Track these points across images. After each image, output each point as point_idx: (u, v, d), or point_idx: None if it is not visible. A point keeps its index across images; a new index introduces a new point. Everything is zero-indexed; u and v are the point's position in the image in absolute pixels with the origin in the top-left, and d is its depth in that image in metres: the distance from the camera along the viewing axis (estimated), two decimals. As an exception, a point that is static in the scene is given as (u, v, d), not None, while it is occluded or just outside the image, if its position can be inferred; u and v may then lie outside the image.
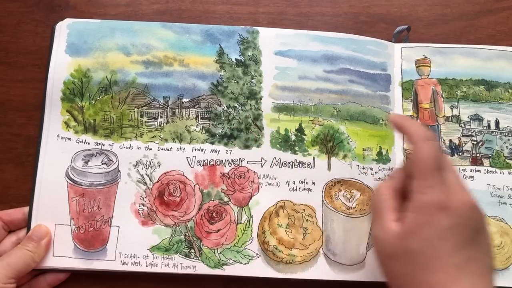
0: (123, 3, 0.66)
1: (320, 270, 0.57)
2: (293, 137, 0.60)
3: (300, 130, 0.60)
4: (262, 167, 0.59)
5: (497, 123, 0.63)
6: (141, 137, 0.59)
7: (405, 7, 0.67)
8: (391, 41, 0.65)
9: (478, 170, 0.61)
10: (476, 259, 0.42)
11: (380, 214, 0.46)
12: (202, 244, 0.58)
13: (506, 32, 0.66)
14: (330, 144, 0.60)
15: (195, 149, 0.59)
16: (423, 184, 0.43)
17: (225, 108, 0.60)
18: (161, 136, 0.59)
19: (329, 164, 0.60)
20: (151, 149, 0.59)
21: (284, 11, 0.66)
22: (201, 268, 0.57)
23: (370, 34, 0.64)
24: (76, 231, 0.57)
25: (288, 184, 0.59)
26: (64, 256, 0.56)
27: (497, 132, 0.62)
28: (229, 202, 0.58)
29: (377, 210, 0.47)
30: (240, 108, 0.60)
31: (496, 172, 0.61)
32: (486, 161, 0.61)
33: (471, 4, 0.67)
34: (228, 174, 0.59)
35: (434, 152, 0.44)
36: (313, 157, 0.60)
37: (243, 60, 0.61)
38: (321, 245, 0.58)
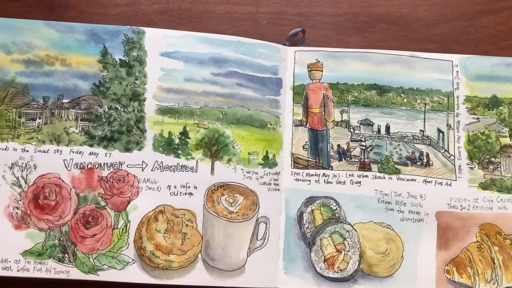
0: (123, 3, 0.67)
1: (198, 276, 0.58)
2: (176, 140, 0.61)
3: (184, 133, 0.61)
4: (143, 170, 0.60)
5: (387, 128, 0.64)
6: (18, 138, 0.60)
7: (405, 7, 0.69)
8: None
9: (366, 176, 0.62)
10: None
11: None
12: (77, 249, 0.58)
13: (506, 32, 0.68)
14: (215, 148, 0.61)
15: (73, 152, 0.60)
16: None
17: (106, 110, 0.61)
18: (39, 138, 0.60)
19: (212, 168, 0.61)
20: (27, 151, 0.59)
21: (284, 11, 0.68)
22: (75, 273, 0.57)
23: (370, 34, 0.66)
24: None
25: (169, 189, 0.60)
26: None
27: (387, 137, 0.64)
28: (106, 206, 0.59)
29: None
30: (122, 109, 0.61)
31: (384, 177, 0.62)
32: (374, 167, 0.63)
33: (471, 4, 0.69)
34: (106, 178, 0.59)
35: None
36: (197, 160, 0.61)
37: (127, 61, 0.62)
38: (200, 251, 0.59)
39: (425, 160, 0.63)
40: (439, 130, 0.64)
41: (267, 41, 0.65)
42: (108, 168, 0.60)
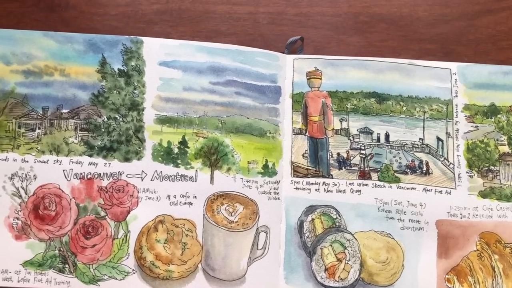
0: (123, 3, 0.68)
1: (198, 286, 0.59)
2: (175, 150, 0.62)
3: (183, 143, 0.62)
4: (142, 180, 0.61)
5: (387, 136, 0.65)
6: (18, 148, 0.61)
7: (405, 7, 0.70)
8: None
9: (366, 184, 0.63)
10: None
11: None
12: (77, 260, 0.59)
13: (506, 32, 0.69)
14: (214, 157, 0.62)
15: (72, 162, 0.61)
16: None
17: (105, 120, 0.62)
18: (38, 148, 0.61)
19: (212, 177, 0.62)
20: (27, 161, 0.60)
21: (284, 11, 0.69)
22: (75, 284, 0.58)
23: (370, 34, 0.67)
24: None
25: (169, 198, 0.61)
26: None
27: (387, 145, 0.65)
28: (106, 216, 0.60)
29: None
30: (121, 119, 0.62)
31: (384, 186, 0.63)
32: (374, 175, 0.64)
33: (471, 4, 0.70)
34: (106, 188, 0.60)
35: None
36: (196, 170, 0.62)
37: (126, 70, 0.63)
38: (200, 261, 0.60)
39: (424, 168, 0.64)
40: (438, 138, 0.65)
41: (267, 41, 0.67)
42: (108, 178, 0.61)
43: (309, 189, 0.63)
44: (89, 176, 0.60)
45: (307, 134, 0.65)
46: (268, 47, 0.66)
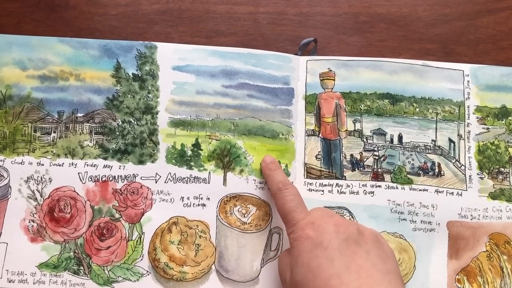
0: (123, 3, 0.71)
1: (212, 287, 0.62)
2: (189, 152, 0.66)
3: (196, 145, 0.66)
4: (156, 182, 0.65)
5: (400, 137, 0.68)
6: (34, 152, 0.64)
7: (405, 7, 0.73)
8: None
9: (379, 186, 0.66)
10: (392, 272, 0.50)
11: None
12: (92, 261, 0.62)
13: (506, 32, 0.72)
14: (227, 159, 0.66)
15: (87, 165, 0.64)
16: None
17: (120, 123, 0.66)
18: (54, 152, 0.65)
19: (225, 179, 0.65)
20: (43, 165, 0.64)
21: (284, 11, 0.72)
22: (90, 286, 0.61)
23: (370, 34, 0.70)
24: (-37, 247, 0.62)
25: (182, 200, 0.64)
26: (-50, 273, 0.61)
27: (400, 147, 0.68)
28: (121, 218, 0.64)
29: None
30: (135, 123, 0.66)
31: (397, 188, 0.66)
32: (387, 177, 0.67)
33: (471, 4, 0.73)
34: (120, 190, 0.64)
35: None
36: (209, 172, 0.65)
37: (140, 75, 0.67)
38: (214, 262, 0.63)
39: (437, 170, 0.67)
40: (450, 140, 0.68)
41: (267, 41, 0.69)
42: (122, 181, 0.64)
43: (322, 191, 0.66)
44: (103, 179, 0.64)
45: (320, 135, 0.68)
46: (268, 47, 0.69)
